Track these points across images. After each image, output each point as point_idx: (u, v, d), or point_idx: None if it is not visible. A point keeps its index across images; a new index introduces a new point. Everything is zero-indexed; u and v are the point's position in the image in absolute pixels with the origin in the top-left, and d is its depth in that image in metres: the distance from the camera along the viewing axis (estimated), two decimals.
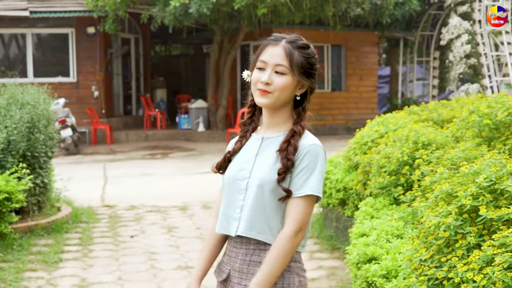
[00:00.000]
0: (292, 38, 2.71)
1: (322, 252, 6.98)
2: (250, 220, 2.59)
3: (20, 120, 7.74)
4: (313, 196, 2.56)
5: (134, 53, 21.27)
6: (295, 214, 2.53)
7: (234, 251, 2.65)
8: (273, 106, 2.64)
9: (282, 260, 2.52)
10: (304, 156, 2.57)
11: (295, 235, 2.52)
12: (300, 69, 2.62)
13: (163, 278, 6.19)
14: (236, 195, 2.65)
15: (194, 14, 15.53)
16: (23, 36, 18.85)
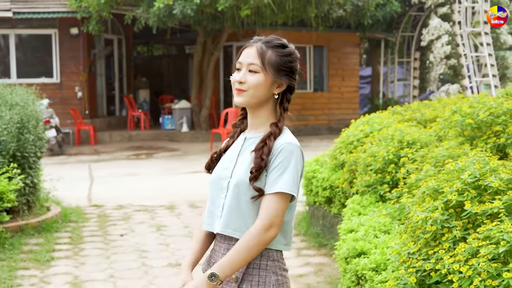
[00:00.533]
0: (268, 39, 2.77)
1: (309, 249, 7.14)
2: (227, 219, 2.65)
3: (10, 120, 7.82)
4: (286, 194, 2.58)
5: (117, 54, 21.31)
6: (266, 210, 2.55)
7: (218, 246, 2.71)
8: (249, 104, 2.69)
9: (246, 251, 2.54)
10: (278, 154, 2.60)
11: (265, 230, 2.54)
12: (274, 68, 2.67)
13: (154, 275, 6.31)
14: (219, 193, 2.71)
15: (178, 15, 15.63)
16: (6, 37, 18.83)
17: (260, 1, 15.53)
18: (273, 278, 2.63)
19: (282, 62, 2.69)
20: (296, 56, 2.77)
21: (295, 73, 2.76)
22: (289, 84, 2.73)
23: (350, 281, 4.42)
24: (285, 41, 2.79)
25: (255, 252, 2.56)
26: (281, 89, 2.71)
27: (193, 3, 15.38)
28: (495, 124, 5.22)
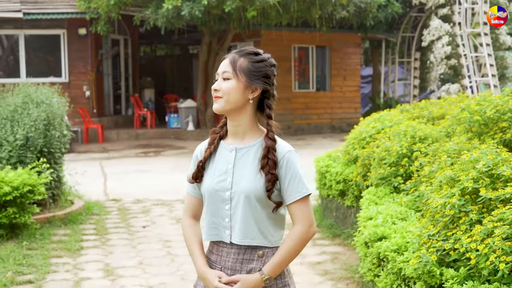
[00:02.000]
0: (242, 48, 2.89)
1: (323, 239, 7.55)
2: (243, 230, 2.79)
3: (37, 118, 8.22)
4: (308, 194, 2.83)
5: (123, 54, 21.70)
6: (303, 214, 2.80)
7: (225, 251, 2.84)
8: (225, 110, 2.81)
9: (295, 248, 2.79)
10: (287, 164, 2.79)
11: (308, 229, 2.80)
12: (245, 73, 2.78)
13: (180, 262, 6.72)
14: (220, 205, 2.82)
15: (186, 17, 16.03)
16: (16, 37, 19.21)
17: (265, 3, 15.92)
18: (288, 269, 2.92)
19: (253, 68, 2.80)
20: (269, 62, 2.86)
21: (270, 78, 2.85)
22: (264, 89, 2.83)
23: (371, 264, 4.83)
24: (260, 51, 2.90)
25: (299, 252, 2.83)
26: (255, 94, 2.81)
27: (200, 5, 15.78)
28: (501, 121, 5.62)
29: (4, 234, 7.30)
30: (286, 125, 20.74)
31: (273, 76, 2.86)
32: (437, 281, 3.79)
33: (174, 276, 6.31)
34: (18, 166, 7.90)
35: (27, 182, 7.33)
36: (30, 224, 7.53)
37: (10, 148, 8.01)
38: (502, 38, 23.34)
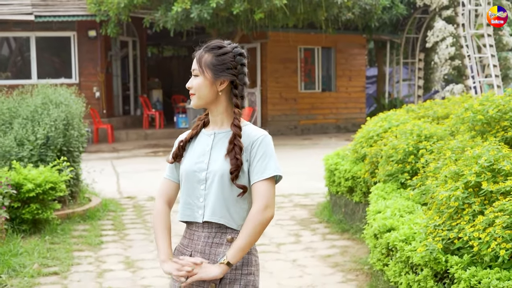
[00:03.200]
0: (207, 44, 2.98)
1: (333, 234, 7.87)
2: (213, 207, 2.88)
3: (57, 118, 8.55)
4: (273, 177, 2.88)
5: (131, 55, 22.05)
6: (262, 193, 2.84)
7: (195, 235, 2.95)
8: (199, 105, 2.95)
9: (254, 231, 2.82)
10: (259, 145, 2.88)
11: (264, 209, 2.82)
12: (210, 68, 2.90)
13: None
14: (196, 185, 2.93)
15: (195, 19, 16.36)
16: (27, 39, 19.56)
17: (273, 5, 16.24)
18: (253, 258, 2.94)
19: (217, 61, 2.90)
20: (233, 53, 2.95)
21: (236, 68, 2.93)
22: (231, 80, 2.94)
23: (381, 254, 5.16)
24: (226, 42, 2.99)
25: (258, 234, 2.85)
26: (224, 86, 2.93)
27: (209, 7, 16.11)
28: (503, 120, 5.94)
29: (27, 229, 7.63)
30: (292, 125, 21.08)
31: (240, 66, 2.95)
32: (442, 268, 4.11)
33: None
34: (39, 164, 8.24)
35: (49, 179, 7.66)
36: (52, 219, 7.87)
37: (32, 147, 8.34)
38: (505, 39, 23.62)
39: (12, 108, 8.98)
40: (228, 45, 2.98)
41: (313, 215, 8.95)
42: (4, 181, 7.31)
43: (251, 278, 2.91)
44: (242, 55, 2.98)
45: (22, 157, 8.28)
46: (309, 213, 9.09)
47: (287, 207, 9.52)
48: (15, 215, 7.54)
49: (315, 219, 8.72)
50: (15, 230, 7.44)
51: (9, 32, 19.49)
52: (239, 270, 2.88)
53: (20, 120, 8.68)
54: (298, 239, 7.72)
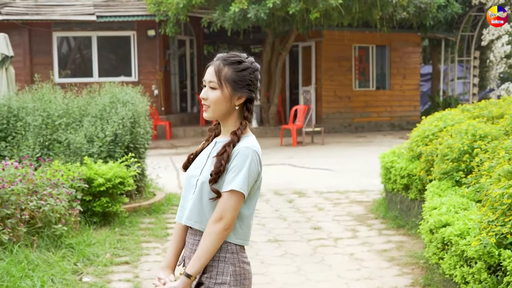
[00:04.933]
0: (226, 56, 2.96)
1: (388, 229, 8.14)
2: (190, 211, 2.95)
3: (125, 116, 9.00)
4: (238, 192, 2.85)
5: (188, 54, 22.55)
6: (219, 206, 2.85)
7: (188, 241, 3.02)
8: (214, 118, 2.98)
9: (205, 245, 2.84)
10: (235, 157, 2.87)
11: (216, 221, 2.84)
12: (230, 83, 2.91)
13: (258, 248, 7.40)
14: (189, 190, 3.00)
15: (252, 19, 16.72)
16: (89, 39, 20.22)
17: (328, 5, 16.48)
18: (230, 268, 2.90)
19: (237, 77, 2.92)
20: (253, 69, 2.97)
21: (253, 84, 2.98)
22: (248, 96, 2.98)
23: (436, 248, 5.42)
24: (243, 56, 2.99)
25: (211, 244, 2.85)
26: (241, 101, 2.96)
27: (266, 7, 16.44)
28: None
29: (98, 221, 8.10)
30: (347, 123, 21.29)
31: (256, 81, 2.99)
32: (495, 261, 4.37)
33: (254, 260, 6.97)
34: (108, 160, 8.70)
35: (118, 174, 8.11)
36: (120, 212, 8.32)
37: (101, 143, 8.81)
38: None
39: (82, 107, 9.46)
40: (246, 59, 2.98)
41: (369, 211, 9.22)
42: (76, 176, 7.78)
43: None
44: (258, 70, 3.02)
45: (92, 153, 8.75)
46: (365, 209, 9.37)
47: (344, 203, 9.80)
48: (86, 208, 8.01)
49: (371, 215, 8.99)
50: (87, 222, 7.91)
51: (72, 32, 20.18)
52: (213, 279, 2.90)
53: (90, 118, 9.15)
54: (355, 234, 8.01)
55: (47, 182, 7.26)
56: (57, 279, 6.06)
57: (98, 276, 6.36)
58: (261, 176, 2.98)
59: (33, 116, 9.01)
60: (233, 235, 2.92)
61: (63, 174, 7.71)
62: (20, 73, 18.35)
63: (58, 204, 7.00)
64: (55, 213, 6.96)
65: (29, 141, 8.70)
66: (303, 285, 6.21)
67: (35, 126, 8.88)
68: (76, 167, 8.09)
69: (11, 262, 5.92)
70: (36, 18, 19.09)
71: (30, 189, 6.97)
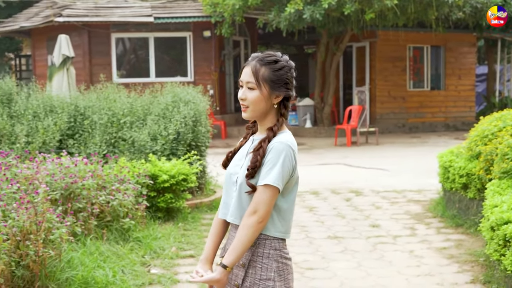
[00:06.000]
0: (262, 56, 3.02)
1: (447, 228, 8.21)
2: (232, 207, 3.03)
3: (187, 115, 9.26)
4: (272, 186, 2.91)
5: (243, 54, 22.81)
6: (254, 199, 2.92)
7: (230, 234, 3.10)
8: (253, 117, 3.04)
9: (240, 238, 2.90)
10: (270, 152, 2.93)
11: (249, 215, 2.90)
12: (268, 83, 2.97)
13: (318, 244, 7.56)
14: (231, 187, 3.07)
15: (307, 19, 16.87)
16: (146, 40, 20.64)
17: (383, 5, 16.53)
18: (274, 265, 2.98)
19: (274, 77, 2.98)
20: (288, 67, 3.04)
21: (290, 82, 3.05)
22: (285, 95, 3.05)
23: (497, 245, 5.51)
24: (279, 54, 3.06)
25: (246, 236, 2.90)
26: (279, 99, 3.03)
27: (321, 8, 16.57)
28: None
29: (162, 216, 8.36)
30: (401, 123, 21.27)
31: (292, 79, 3.06)
32: None
33: (315, 255, 7.15)
34: (171, 157, 8.97)
35: (181, 171, 8.37)
36: (183, 208, 8.58)
37: (164, 141, 9.08)
38: None
39: (145, 106, 9.76)
40: (281, 57, 3.04)
41: (426, 210, 9.29)
42: (142, 172, 8.06)
43: (270, 284, 2.96)
44: (294, 68, 3.08)
45: (156, 150, 9.02)
46: (422, 208, 9.44)
47: (401, 202, 9.89)
48: (151, 204, 8.28)
49: (429, 214, 9.07)
50: (152, 217, 8.18)
51: (129, 33, 20.63)
52: (258, 275, 2.97)
53: (153, 117, 9.44)
54: (413, 232, 8.11)
55: (115, 178, 7.55)
56: (127, 270, 6.32)
57: (165, 268, 6.61)
58: (298, 170, 3.02)
59: (99, 114, 9.34)
60: (272, 228, 2.99)
61: (129, 170, 8.00)
62: (80, 73, 18.87)
63: (126, 199, 7.28)
64: (123, 208, 7.24)
65: (95, 138, 9.02)
66: (364, 280, 6.34)
67: (101, 124, 9.20)
68: (141, 164, 8.37)
69: (84, 253, 6.20)
70: (95, 20, 19.59)
71: (99, 185, 7.26)
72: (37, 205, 5.58)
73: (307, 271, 6.61)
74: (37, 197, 5.82)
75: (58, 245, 5.64)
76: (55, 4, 21.06)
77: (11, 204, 5.73)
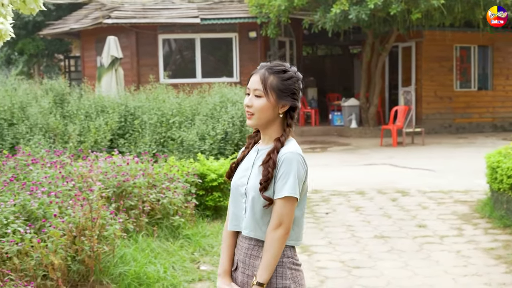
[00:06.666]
0: (271, 65, 3.06)
1: (494, 229, 8.19)
2: (247, 220, 3.02)
3: (234, 115, 9.40)
4: (291, 197, 2.92)
5: (288, 55, 22.90)
6: (275, 212, 2.92)
7: (240, 244, 3.09)
8: (258, 125, 3.04)
9: (270, 252, 2.92)
10: (282, 164, 2.93)
11: (275, 229, 2.91)
12: (275, 92, 2.98)
13: (365, 243, 7.62)
14: (240, 198, 3.06)
15: (353, 20, 16.87)
16: (192, 41, 20.88)
17: (430, 5, 16.44)
18: (288, 272, 3.00)
19: (282, 86, 2.99)
20: (296, 78, 3.06)
21: (297, 93, 3.06)
22: (291, 105, 3.04)
23: None
24: (287, 65, 3.09)
25: (276, 250, 2.92)
26: (285, 109, 3.03)
27: (367, 8, 16.56)
28: None
29: (210, 214, 8.51)
30: (447, 124, 21.11)
31: (299, 90, 3.07)
32: None
33: (361, 254, 7.22)
34: (219, 157, 9.11)
35: None
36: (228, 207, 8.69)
37: (212, 141, 9.23)
38: None
39: (193, 106, 9.93)
40: (290, 68, 3.07)
41: (473, 210, 9.27)
42: (190, 171, 8.22)
43: None
44: (301, 80, 3.09)
45: (204, 150, 9.19)
46: (469, 208, 9.42)
47: (447, 202, 9.87)
48: (200, 202, 8.43)
49: (476, 214, 9.04)
50: (201, 215, 8.34)
51: (175, 34, 20.89)
52: (273, 284, 2.97)
53: (201, 117, 9.61)
54: (460, 233, 8.11)
55: (165, 177, 7.73)
56: (177, 266, 6.48)
57: (214, 265, 6.74)
58: (308, 177, 3.05)
59: (149, 114, 9.54)
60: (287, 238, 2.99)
61: (178, 169, 8.17)
62: (128, 74, 19.21)
63: (175, 197, 7.45)
64: (172, 206, 7.41)
65: (145, 138, 9.22)
66: (410, 279, 6.39)
67: (151, 124, 9.40)
68: (189, 163, 8.53)
69: (136, 249, 6.37)
70: (143, 21, 19.90)
71: (150, 183, 7.44)
72: (92, 202, 5.77)
73: (354, 269, 6.69)
74: (91, 194, 6.01)
75: (112, 241, 5.82)
76: (104, 6, 21.44)
77: (67, 201, 5.93)
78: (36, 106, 9.64)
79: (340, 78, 27.33)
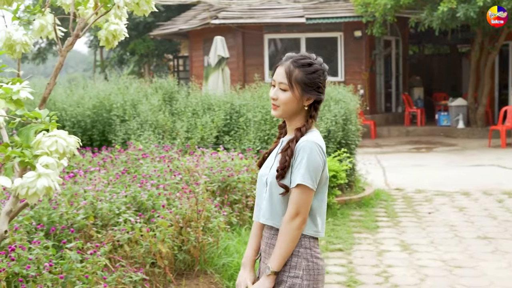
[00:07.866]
0: (296, 57, 3.01)
1: None
2: (264, 208, 3.05)
3: (337, 114, 9.48)
4: (306, 186, 2.90)
5: (394, 54, 22.70)
6: (293, 202, 2.91)
7: (264, 235, 3.11)
8: (282, 117, 3.06)
9: (283, 239, 2.92)
10: (299, 152, 2.93)
11: (291, 219, 2.91)
12: (301, 85, 2.96)
13: (468, 244, 7.54)
14: (262, 188, 3.10)
15: (461, 18, 16.56)
16: (297, 40, 21.04)
17: None
18: (304, 263, 2.96)
19: (307, 80, 2.97)
20: (322, 70, 3.03)
21: (322, 86, 3.03)
22: (316, 98, 3.04)
23: None
24: (313, 57, 3.04)
25: (291, 239, 2.92)
26: (310, 101, 3.02)
27: (476, 6, 16.22)
28: None
29: None
30: None
31: (324, 83, 3.05)
32: None
33: (463, 254, 7.15)
34: None
35: (332, 168, 8.60)
36: (333, 204, 8.80)
37: None
38: None
39: None
40: (315, 60, 3.03)
41: None
42: None
43: (297, 281, 2.95)
44: (327, 71, 3.07)
45: None
46: None
47: None
48: None
49: None
50: None
51: (281, 34, 21.13)
52: (286, 272, 2.96)
53: None
54: None
55: None
56: None
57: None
58: (327, 167, 3.02)
59: (253, 112, 9.75)
60: (306, 228, 2.98)
61: None
62: (234, 73, 19.59)
63: None
64: None
65: (250, 135, 9.43)
66: None
67: (255, 121, 9.60)
68: None
69: (239, 242, 6.57)
70: (249, 22, 20.24)
71: (253, 179, 7.62)
72: (198, 195, 6.01)
73: (455, 269, 6.64)
74: (197, 187, 6.26)
75: (216, 233, 6.04)
76: (212, 7, 21.95)
77: (174, 193, 6.21)
78: (146, 104, 10.04)
79: (447, 78, 26.81)
